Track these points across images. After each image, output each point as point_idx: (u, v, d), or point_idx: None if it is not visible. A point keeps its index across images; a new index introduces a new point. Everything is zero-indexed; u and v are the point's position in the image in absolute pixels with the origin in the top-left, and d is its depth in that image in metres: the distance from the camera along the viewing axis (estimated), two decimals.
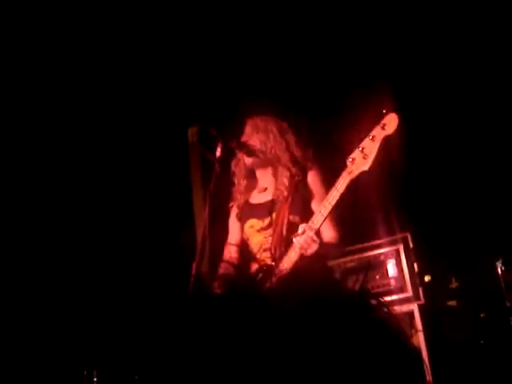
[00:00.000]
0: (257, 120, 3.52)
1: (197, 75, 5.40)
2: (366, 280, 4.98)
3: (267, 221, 3.37)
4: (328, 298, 1.67)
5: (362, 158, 2.89)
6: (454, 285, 6.01)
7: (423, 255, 5.23)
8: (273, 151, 3.42)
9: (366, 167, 2.89)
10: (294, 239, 3.04)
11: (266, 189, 3.51)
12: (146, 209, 5.14)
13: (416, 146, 6.13)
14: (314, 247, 3.00)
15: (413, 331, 4.86)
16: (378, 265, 5.03)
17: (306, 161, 3.42)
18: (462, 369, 5.59)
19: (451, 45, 5.63)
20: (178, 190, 5.07)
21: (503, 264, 5.11)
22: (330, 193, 3.00)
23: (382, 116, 2.88)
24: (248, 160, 3.49)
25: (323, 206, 3.00)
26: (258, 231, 3.40)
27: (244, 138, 3.48)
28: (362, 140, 2.90)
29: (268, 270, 3.13)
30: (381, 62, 5.64)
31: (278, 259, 3.16)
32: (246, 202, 3.53)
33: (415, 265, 4.99)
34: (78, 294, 4.99)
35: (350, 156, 2.92)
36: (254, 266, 3.28)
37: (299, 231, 3.04)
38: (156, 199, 5.22)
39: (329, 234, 3.25)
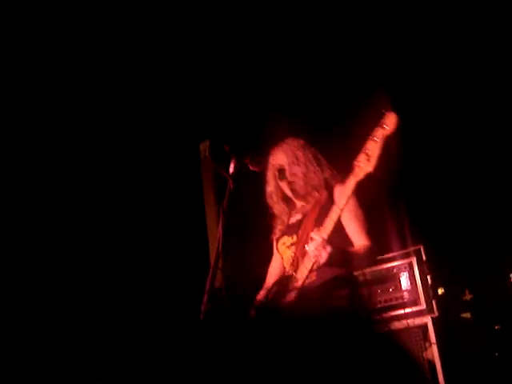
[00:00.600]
0: (293, 147, 3.55)
1: (209, 90, 5.44)
2: (375, 294, 4.98)
3: (295, 237, 3.43)
4: (332, 313, 1.70)
5: (366, 161, 2.93)
6: (468, 297, 5.98)
7: (436, 268, 5.22)
8: (312, 181, 3.46)
9: (370, 168, 2.92)
10: (306, 246, 3.08)
11: (298, 209, 3.57)
12: (159, 224, 5.17)
13: (430, 158, 6.15)
14: (324, 254, 3.02)
15: (427, 344, 4.83)
16: (391, 278, 5.03)
17: (333, 179, 3.46)
18: (476, 382, 5.56)
19: (446, 47, 5.67)
20: (190, 205, 5.09)
21: None
22: (339, 198, 3.07)
23: (382, 116, 2.91)
24: (287, 190, 3.54)
25: (333, 211, 3.05)
26: (288, 247, 3.48)
27: (284, 167, 3.50)
28: (365, 142, 2.95)
29: (285, 282, 3.17)
30: (377, 66, 5.68)
31: (297, 270, 3.21)
32: (286, 224, 3.60)
33: (428, 277, 4.98)
34: (91, 306, 5.02)
35: (357, 160, 2.97)
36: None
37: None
38: (169, 215, 5.25)
39: (360, 242, 3.27)
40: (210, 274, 2.97)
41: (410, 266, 4.99)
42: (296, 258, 3.32)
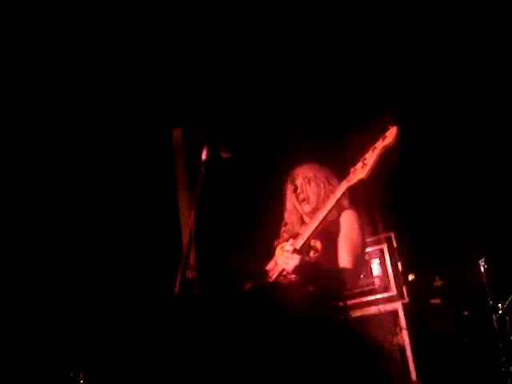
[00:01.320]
0: (305, 170, 3.62)
1: (183, 76, 5.41)
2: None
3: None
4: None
5: (361, 168, 3.04)
6: (438, 283, 6.07)
7: (407, 254, 5.29)
8: (325, 199, 3.48)
9: (362, 175, 3.04)
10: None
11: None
12: (130, 210, 5.15)
13: (403, 147, 6.18)
14: (292, 264, 3.10)
15: (397, 329, 4.90)
16: None
17: (344, 201, 3.46)
18: (445, 366, 5.65)
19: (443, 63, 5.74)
20: (163, 191, 5.07)
21: (486, 262, 5.17)
22: (329, 200, 3.20)
23: (385, 129, 3.02)
24: (302, 210, 3.57)
25: (320, 212, 3.18)
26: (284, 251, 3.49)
27: (299, 189, 3.55)
28: (365, 152, 3.06)
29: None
30: (380, 82, 5.73)
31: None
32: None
33: (399, 264, 5.05)
34: (64, 294, 4.98)
35: (354, 167, 3.09)
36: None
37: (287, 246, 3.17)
38: (141, 201, 5.22)
39: (343, 263, 3.24)
40: (182, 260, 2.96)
41: (381, 252, 5.06)
42: None
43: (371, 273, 5.05)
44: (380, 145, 3.00)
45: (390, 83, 5.77)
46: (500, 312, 4.99)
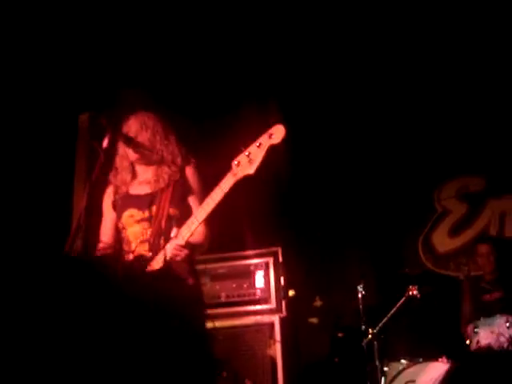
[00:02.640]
0: (144, 117, 3.59)
1: (90, 60, 5.38)
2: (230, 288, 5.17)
3: (147, 213, 3.45)
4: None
5: (247, 162, 3.02)
6: (318, 303, 6.29)
7: (292, 271, 5.46)
8: (159, 152, 3.51)
9: (251, 171, 3.02)
10: (166, 246, 3.18)
11: (146, 182, 3.58)
12: (23, 194, 5.06)
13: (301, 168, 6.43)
14: (183, 254, 3.15)
15: (272, 341, 5.03)
16: (247, 274, 5.22)
17: (183, 157, 3.54)
18: (312, 382, 5.86)
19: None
20: (60, 177, 5.02)
21: (363, 288, 5.39)
22: (214, 191, 3.11)
23: (270, 126, 3.02)
24: (133, 156, 3.55)
25: (206, 202, 3.12)
26: (137, 222, 3.46)
27: (132, 134, 3.53)
28: (248, 145, 3.04)
29: (144, 261, 3.21)
30: (271, 78, 5.90)
31: (154, 252, 3.25)
32: (126, 193, 3.58)
33: (282, 279, 5.20)
34: None
35: (236, 159, 3.06)
36: (129, 255, 3.34)
37: (172, 234, 3.18)
38: (35, 184, 5.14)
39: (199, 228, 3.33)
40: (69, 240, 2.98)
41: (267, 265, 5.21)
42: (150, 239, 3.37)
43: (254, 284, 5.19)
44: (267, 142, 2.99)
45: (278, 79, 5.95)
46: (369, 336, 5.22)
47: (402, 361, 5.04)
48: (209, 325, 2.99)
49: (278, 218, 6.24)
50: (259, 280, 5.19)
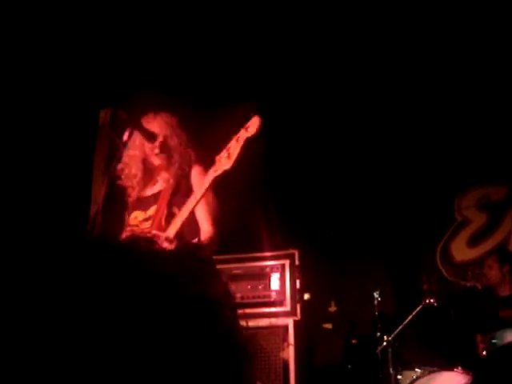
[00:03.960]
0: (168, 120, 3.61)
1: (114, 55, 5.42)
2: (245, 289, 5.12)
3: (149, 212, 3.47)
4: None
5: (226, 158, 3.04)
6: (333, 309, 6.25)
7: (308, 275, 5.42)
8: (175, 154, 3.53)
9: (228, 166, 3.03)
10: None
11: (153, 183, 3.61)
12: (42, 189, 5.09)
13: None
14: (169, 247, 3.14)
15: (285, 344, 5.00)
16: (263, 276, 5.18)
17: (191, 157, 3.55)
18: None
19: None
20: (79, 170, 5.04)
21: (379, 295, 5.34)
22: (198, 189, 3.19)
23: (248, 119, 3.04)
24: (150, 152, 3.55)
25: (190, 200, 3.17)
26: (141, 222, 3.50)
27: (155, 130, 3.52)
28: (229, 141, 3.07)
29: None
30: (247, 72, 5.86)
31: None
32: (138, 196, 3.60)
33: (298, 282, 5.16)
34: None
35: (219, 155, 3.09)
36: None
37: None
38: (55, 179, 5.17)
39: (205, 228, 3.36)
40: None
41: (283, 267, 5.16)
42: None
43: (270, 286, 5.15)
44: (243, 135, 3.00)
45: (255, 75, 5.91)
46: (384, 344, 5.16)
47: (417, 369, 4.97)
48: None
49: (296, 222, 6.21)
50: (275, 282, 5.14)
